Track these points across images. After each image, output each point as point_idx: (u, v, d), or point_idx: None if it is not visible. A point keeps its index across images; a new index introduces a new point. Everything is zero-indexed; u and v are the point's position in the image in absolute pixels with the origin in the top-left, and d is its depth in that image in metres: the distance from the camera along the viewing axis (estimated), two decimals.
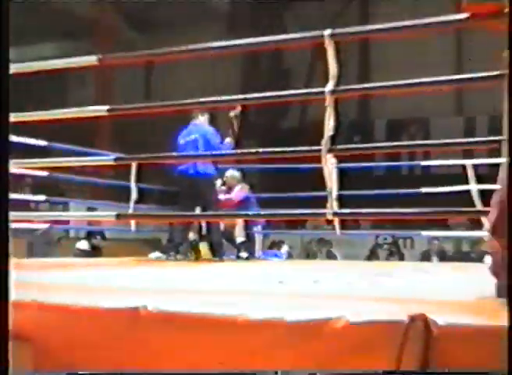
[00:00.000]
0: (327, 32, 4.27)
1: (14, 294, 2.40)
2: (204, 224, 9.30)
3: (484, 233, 9.89)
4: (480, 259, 12.27)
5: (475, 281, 3.78)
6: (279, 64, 23.08)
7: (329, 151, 4.23)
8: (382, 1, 20.79)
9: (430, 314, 2.52)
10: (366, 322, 2.57)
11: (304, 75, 21.08)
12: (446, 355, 2.45)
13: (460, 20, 3.81)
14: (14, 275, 2.36)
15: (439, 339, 2.46)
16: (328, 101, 4.14)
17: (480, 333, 2.46)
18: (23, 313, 2.89)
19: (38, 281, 4.23)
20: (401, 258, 15.43)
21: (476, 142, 7.42)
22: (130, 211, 8.05)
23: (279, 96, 5.72)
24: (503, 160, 3.68)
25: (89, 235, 12.86)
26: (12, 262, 2.31)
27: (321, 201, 5.08)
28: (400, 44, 17.62)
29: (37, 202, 10.52)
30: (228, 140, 9.05)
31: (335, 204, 4.45)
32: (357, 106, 21.87)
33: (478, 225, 9.94)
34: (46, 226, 10.27)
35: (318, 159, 4.27)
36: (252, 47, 6.95)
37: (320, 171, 4.35)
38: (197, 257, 9.23)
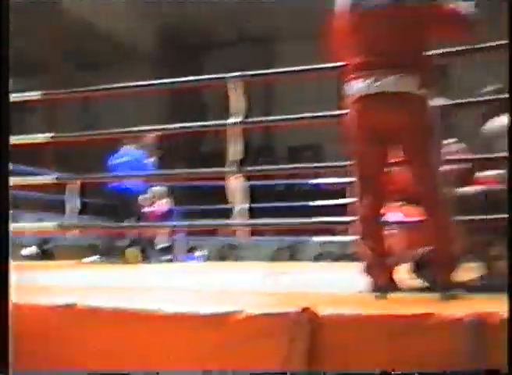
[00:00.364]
0: (232, 75, 4.29)
1: None
2: (134, 233, 9.20)
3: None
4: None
5: (355, 278, 3.79)
6: (199, 99, 23.11)
7: (238, 171, 4.24)
8: (287, 43, 20.97)
9: (315, 306, 2.53)
10: (263, 314, 2.57)
11: (220, 109, 21.06)
12: (329, 339, 2.47)
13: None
14: None
15: (322, 327, 2.47)
16: (236, 130, 4.16)
17: (356, 320, 2.49)
18: None
19: None
20: (297, 260, 15.51)
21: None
22: (73, 221, 7.91)
23: (197, 126, 5.73)
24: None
25: (41, 242, 12.56)
26: None
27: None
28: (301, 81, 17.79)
29: None
30: (151, 159, 9.03)
31: (240, 215, 4.46)
32: (262, 134, 22.04)
33: None
34: None
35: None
36: (173, 86, 6.94)
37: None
38: (127, 261, 9.10)
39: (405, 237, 3.63)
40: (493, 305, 2.48)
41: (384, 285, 3.19)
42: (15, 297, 3.02)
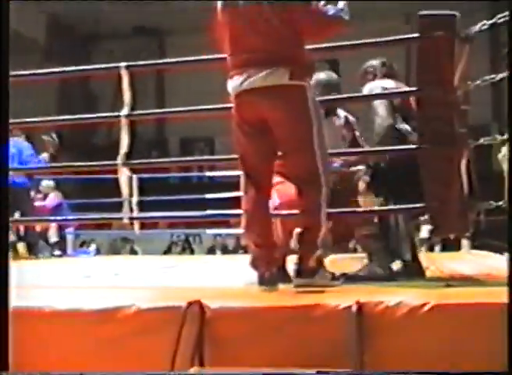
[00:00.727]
0: (122, 64, 4.25)
1: None
2: (21, 227, 8.98)
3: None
4: None
5: (246, 271, 3.83)
6: (89, 91, 22.71)
7: (125, 164, 4.20)
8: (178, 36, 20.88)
9: (205, 299, 2.56)
10: (152, 308, 2.58)
11: (110, 101, 20.75)
12: (218, 332, 2.51)
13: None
14: None
15: (211, 320, 2.51)
16: (123, 123, 4.12)
17: (244, 313, 2.54)
18: None
19: None
20: (192, 252, 15.56)
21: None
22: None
23: (86, 118, 5.66)
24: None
25: None
26: None
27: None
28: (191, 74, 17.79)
29: None
30: (44, 155, 8.78)
31: (132, 208, 4.44)
32: (154, 126, 21.87)
33: None
34: None
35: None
36: (64, 75, 6.80)
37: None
38: (15, 256, 8.89)
39: (284, 224, 3.71)
40: (376, 295, 2.58)
41: (270, 278, 3.23)
42: None
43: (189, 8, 18.82)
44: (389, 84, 4.01)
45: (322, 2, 3.28)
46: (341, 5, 3.29)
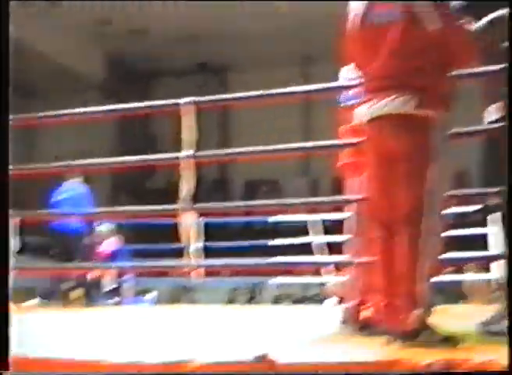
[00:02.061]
0: (188, 99, 4.29)
1: None
2: (79, 274, 9.11)
3: (326, 279, 10.12)
4: (321, 301, 12.50)
5: (318, 321, 3.79)
6: (148, 130, 23.10)
7: (191, 208, 4.22)
8: (240, 72, 21.15)
9: (275, 353, 2.53)
10: (217, 362, 2.56)
11: (171, 141, 21.08)
12: None
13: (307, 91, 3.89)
14: None
15: None
16: (186, 164, 4.14)
17: (316, 369, 2.49)
18: None
19: None
20: (256, 302, 15.49)
21: (320, 202, 7.52)
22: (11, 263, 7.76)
23: (147, 160, 5.72)
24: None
25: None
26: None
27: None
28: (257, 111, 17.97)
29: None
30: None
31: (193, 255, 4.44)
32: (217, 168, 22.05)
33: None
34: None
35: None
36: (119, 113, 6.90)
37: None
38: (71, 303, 9.01)
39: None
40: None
41: (405, 331, 2.99)
42: None
43: (251, 44, 19.12)
44: None
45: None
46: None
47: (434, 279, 3.08)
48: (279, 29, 17.99)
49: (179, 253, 6.85)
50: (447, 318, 3.62)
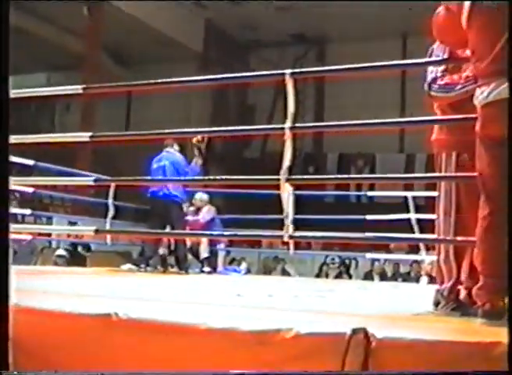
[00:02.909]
0: (288, 71, 4.30)
1: None
2: (172, 241, 9.29)
3: (420, 257, 10.02)
4: (417, 280, 12.38)
5: (411, 298, 3.77)
6: (245, 100, 23.24)
7: (287, 180, 4.24)
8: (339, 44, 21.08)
9: (370, 327, 2.53)
10: (313, 333, 2.58)
11: (267, 111, 21.18)
12: (383, 364, 2.47)
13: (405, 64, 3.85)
14: None
15: (377, 350, 2.48)
16: (287, 136, 4.16)
17: (412, 346, 2.48)
18: None
19: (19, 287, 4.19)
20: (349, 277, 15.48)
21: (416, 177, 7.43)
22: (107, 227, 8.01)
23: (244, 130, 5.76)
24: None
25: (73, 245, 12.79)
26: None
27: (276, 224, 5.10)
28: (352, 85, 17.84)
29: (23, 215, 10.41)
30: (195, 160, 9.01)
31: (290, 227, 4.45)
32: (312, 141, 22.03)
33: (415, 249, 10.04)
34: (30, 237, 10.21)
35: (277, 187, 4.29)
36: (223, 81, 6.98)
37: (277, 197, 4.37)
38: (165, 270, 9.20)
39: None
40: None
41: (493, 310, 3.04)
42: (51, 304, 3.10)
43: (349, 16, 18.96)
44: None
45: None
46: None
47: None
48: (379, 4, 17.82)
49: (268, 224, 6.90)
50: None
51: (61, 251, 12.54)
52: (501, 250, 3.01)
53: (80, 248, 13.04)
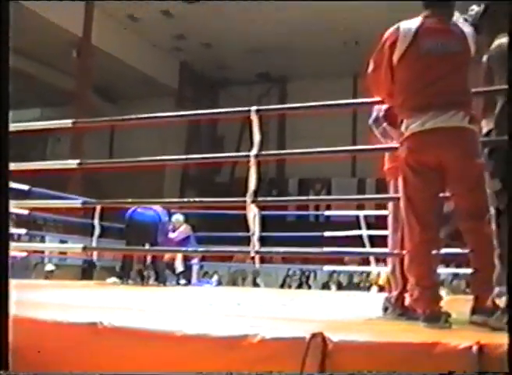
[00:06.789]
0: (253, 108, 4.34)
1: None
2: (149, 257, 9.22)
3: (370, 268, 10.06)
4: (368, 289, 12.42)
5: (363, 306, 3.78)
6: (216, 132, 23.30)
7: (253, 202, 4.25)
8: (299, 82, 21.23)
9: (327, 332, 2.53)
10: (276, 338, 2.57)
11: (235, 141, 21.19)
12: (338, 364, 2.46)
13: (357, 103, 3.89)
14: None
15: (333, 352, 2.47)
16: (252, 162, 4.18)
17: (365, 347, 2.49)
18: None
19: (16, 299, 4.12)
20: (308, 287, 15.49)
21: (366, 199, 7.51)
22: (94, 244, 7.99)
23: (215, 157, 5.77)
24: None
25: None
26: None
27: (244, 241, 5.10)
28: (309, 118, 17.96)
29: (19, 235, 10.30)
30: None
31: (257, 243, 4.47)
32: (275, 167, 22.10)
33: (367, 262, 10.07)
34: (25, 254, 10.14)
35: (244, 208, 4.30)
36: (196, 117, 7.00)
37: (245, 217, 4.38)
38: (143, 283, 9.12)
39: None
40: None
41: (433, 316, 3.08)
42: (36, 313, 3.06)
43: (311, 55, 19.12)
44: None
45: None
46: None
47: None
48: (337, 44, 18.01)
49: (239, 241, 6.89)
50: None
51: (50, 267, 12.47)
52: (433, 261, 3.18)
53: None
